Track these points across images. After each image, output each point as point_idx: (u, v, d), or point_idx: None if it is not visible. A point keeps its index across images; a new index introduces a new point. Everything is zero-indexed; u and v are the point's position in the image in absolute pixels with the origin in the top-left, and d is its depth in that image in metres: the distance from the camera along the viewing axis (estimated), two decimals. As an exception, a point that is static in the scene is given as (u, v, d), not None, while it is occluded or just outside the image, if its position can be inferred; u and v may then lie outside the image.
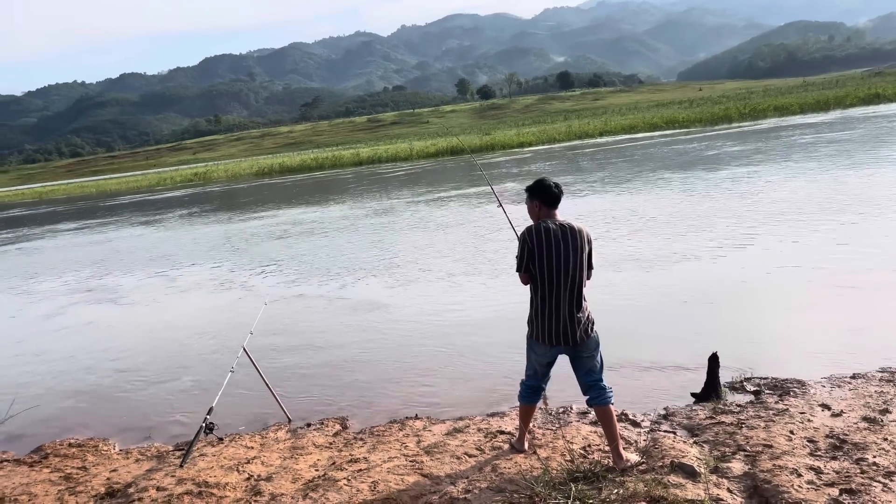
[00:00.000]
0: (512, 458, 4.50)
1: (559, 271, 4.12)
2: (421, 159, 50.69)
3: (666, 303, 8.23)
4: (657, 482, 3.90)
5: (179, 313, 10.75)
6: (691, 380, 5.79)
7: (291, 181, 45.25)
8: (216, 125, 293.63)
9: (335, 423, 5.71)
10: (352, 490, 4.16)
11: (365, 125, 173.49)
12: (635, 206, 15.50)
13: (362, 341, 7.99)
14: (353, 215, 20.91)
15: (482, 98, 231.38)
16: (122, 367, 8.11)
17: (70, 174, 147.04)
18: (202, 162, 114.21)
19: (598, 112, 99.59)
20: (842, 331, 6.63)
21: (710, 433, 4.69)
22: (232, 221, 23.80)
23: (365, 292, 10.49)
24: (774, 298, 7.78)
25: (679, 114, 57.79)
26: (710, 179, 18.74)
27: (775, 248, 10.00)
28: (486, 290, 9.66)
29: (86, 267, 16.68)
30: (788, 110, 49.39)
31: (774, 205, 13.35)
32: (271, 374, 6.37)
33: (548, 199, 4.25)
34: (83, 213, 38.93)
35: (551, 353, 4.26)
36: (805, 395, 5.15)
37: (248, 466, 4.82)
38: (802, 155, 21.60)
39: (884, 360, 5.72)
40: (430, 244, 13.98)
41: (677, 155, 27.90)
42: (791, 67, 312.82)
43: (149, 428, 6.23)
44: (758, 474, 3.93)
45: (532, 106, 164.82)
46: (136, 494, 4.48)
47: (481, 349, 7.22)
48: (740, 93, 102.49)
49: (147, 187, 60.66)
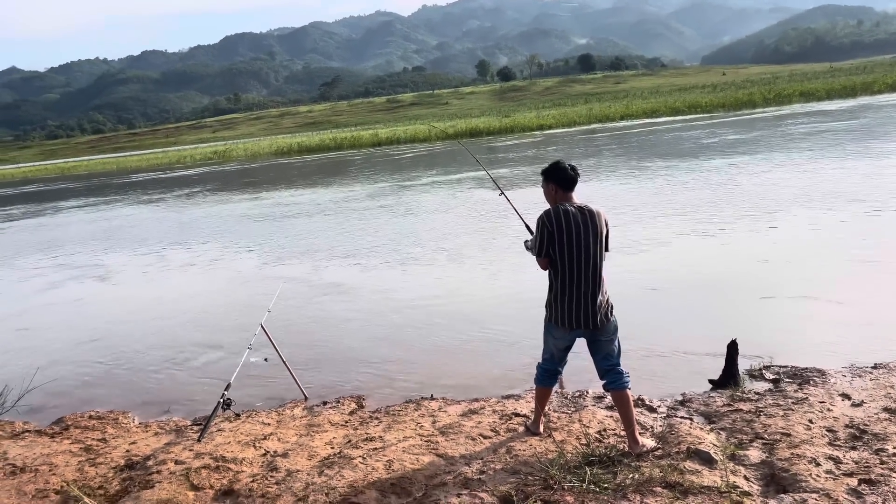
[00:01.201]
0: (527, 441, 4.50)
1: (580, 255, 4.09)
2: (439, 140, 50.53)
3: (682, 287, 8.16)
4: (673, 468, 3.88)
5: (196, 291, 10.84)
6: (708, 366, 5.73)
7: (301, 162, 45.34)
8: (236, 104, 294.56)
9: (351, 401, 5.74)
10: (367, 468, 4.19)
11: (384, 106, 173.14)
12: (658, 191, 15.37)
13: (378, 321, 8.02)
14: (356, 196, 20.93)
15: (502, 80, 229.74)
16: (142, 342, 8.20)
17: (92, 150, 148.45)
18: (221, 140, 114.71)
19: (620, 95, 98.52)
20: (863, 320, 6.53)
21: (727, 420, 4.66)
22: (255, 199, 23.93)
23: (380, 274, 10.50)
24: (795, 286, 7.68)
25: (702, 98, 57.06)
26: (729, 164, 18.51)
27: (797, 236, 9.86)
28: (502, 272, 9.64)
29: (101, 241, 16.87)
30: (814, 96, 48.53)
31: (797, 191, 13.16)
32: (288, 352, 6.41)
33: (564, 181, 4.21)
34: (93, 189, 39.36)
35: (570, 337, 4.24)
36: (825, 385, 5.09)
37: (265, 442, 4.87)
38: (827, 142, 21.26)
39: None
40: (443, 225, 13.96)
41: (701, 139, 27.57)
42: (818, 52, 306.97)
43: (168, 402, 6.30)
44: (775, 462, 3.90)
45: (552, 88, 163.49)
46: (155, 467, 4.54)
47: (497, 330, 7.21)
48: (765, 77, 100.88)
49: (167, 164, 61.09)
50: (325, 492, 3.91)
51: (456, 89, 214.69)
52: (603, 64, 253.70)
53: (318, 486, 4.00)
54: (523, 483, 3.85)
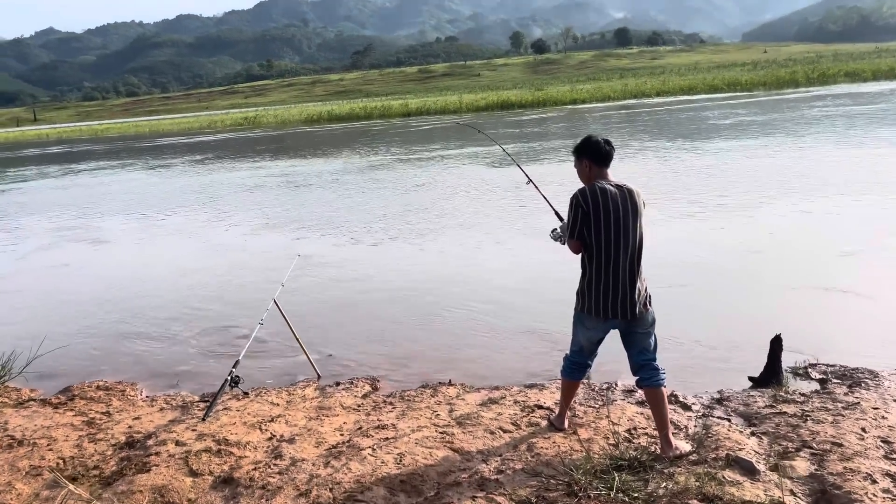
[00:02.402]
0: (550, 438, 4.16)
1: (618, 237, 3.71)
2: (469, 112, 49.86)
3: (720, 277, 7.72)
4: (710, 477, 3.52)
5: (206, 262, 10.64)
6: (748, 362, 5.31)
7: (323, 130, 45.03)
8: (268, 70, 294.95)
9: (365, 383, 5.45)
10: (376, 461, 3.89)
11: (415, 76, 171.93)
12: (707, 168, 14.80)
13: (398, 300, 7.70)
14: (355, 167, 20.57)
15: (536, 52, 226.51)
16: (155, 312, 8.00)
17: (126, 113, 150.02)
18: (252, 107, 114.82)
19: (656, 71, 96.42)
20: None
21: (769, 424, 4.27)
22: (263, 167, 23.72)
23: (397, 251, 10.19)
24: (844, 279, 7.19)
25: (742, 76, 55.47)
26: (730, 147, 17.79)
27: (847, 228, 9.32)
28: (528, 252, 9.26)
29: (129, 206, 16.79)
30: (860, 76, 46.84)
31: (852, 176, 12.52)
32: (302, 328, 6.13)
33: (598, 157, 3.83)
34: (112, 153, 39.56)
35: (604, 328, 3.87)
36: (878, 388, 4.67)
37: (272, 425, 4.60)
38: (837, 126, 20.36)
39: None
40: (465, 203, 13.58)
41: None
42: (864, 32, 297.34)
43: (177, 375, 6.08)
44: (826, 477, 3.52)
45: (587, 62, 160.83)
46: (155, 448, 4.30)
47: (522, 315, 6.86)
48: (808, 57, 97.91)
49: (197, 129, 61.27)
50: (329, 486, 3.63)
51: (489, 61, 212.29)
52: (640, 39, 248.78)
53: (322, 479, 3.72)
54: (545, 487, 3.53)
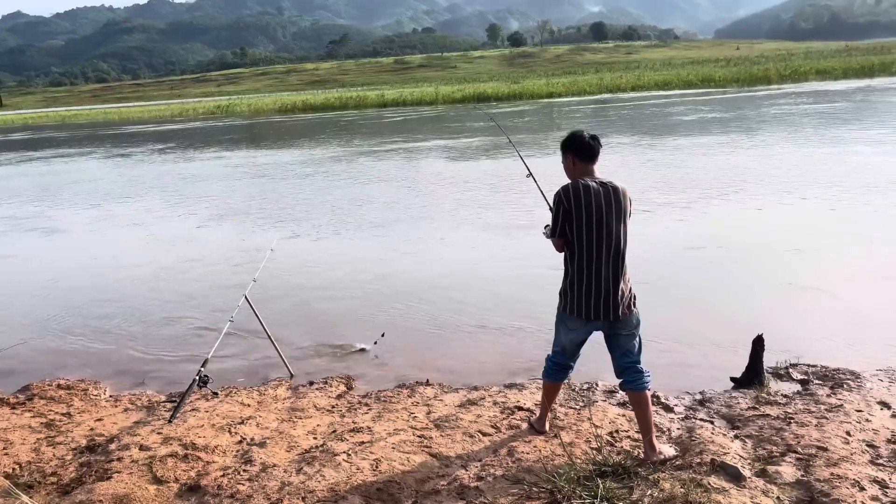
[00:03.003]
0: (531, 441, 4.04)
1: (600, 236, 3.59)
2: (446, 104, 49.65)
3: (700, 274, 7.67)
4: (696, 483, 3.43)
5: (170, 255, 10.36)
6: (729, 361, 5.24)
7: (291, 121, 44.53)
8: (242, 58, 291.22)
9: (340, 382, 5.28)
10: (351, 468, 3.73)
11: (392, 66, 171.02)
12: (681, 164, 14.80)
13: (373, 298, 7.51)
14: (318, 158, 20.34)
15: (512, 45, 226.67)
16: (118, 307, 7.72)
17: (95, 99, 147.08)
18: (226, 95, 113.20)
19: (632, 66, 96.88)
20: (887, 317, 6.04)
21: (753, 427, 4.19)
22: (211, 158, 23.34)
23: (373, 247, 10.01)
24: (810, 276, 7.16)
25: (716, 72, 55.87)
26: (693, 143, 17.90)
27: (827, 226, 9.34)
28: (506, 248, 9.14)
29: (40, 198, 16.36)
30: (831, 74, 47.50)
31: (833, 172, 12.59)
32: (274, 325, 5.94)
33: (583, 152, 3.70)
34: (76, 140, 38.74)
35: (586, 330, 3.75)
36: (860, 390, 4.62)
37: (242, 428, 4.41)
38: (792, 125, 20.60)
39: (946, 354, 5.16)
40: (448, 196, 13.43)
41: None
42: (834, 30, 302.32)
43: (143, 373, 5.85)
44: (813, 483, 3.44)
45: (563, 56, 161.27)
46: (117, 452, 4.09)
47: (500, 312, 6.72)
48: (780, 54, 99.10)
49: (169, 117, 60.21)
50: (301, 495, 3.46)
51: (465, 53, 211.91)
52: (615, 33, 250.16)
53: (294, 486, 3.55)
54: (527, 495, 3.40)
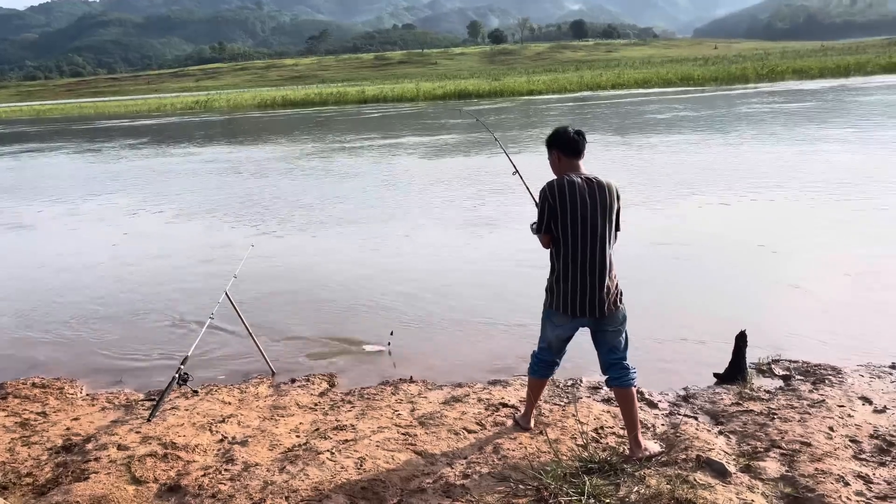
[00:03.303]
0: (516, 438, 4.02)
1: (585, 232, 3.57)
2: (426, 100, 49.56)
3: (674, 271, 7.69)
4: (682, 480, 3.42)
5: (152, 251, 10.21)
6: (712, 357, 5.26)
7: (269, 117, 44.20)
8: (220, 53, 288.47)
9: (322, 380, 5.22)
10: (335, 466, 3.68)
11: (372, 63, 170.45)
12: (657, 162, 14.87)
13: (354, 293, 7.45)
14: (291, 154, 20.21)
15: (493, 42, 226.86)
16: (96, 303, 7.59)
17: (70, 94, 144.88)
18: (204, 90, 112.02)
19: (611, 64, 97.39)
20: (874, 314, 6.10)
21: (737, 422, 4.20)
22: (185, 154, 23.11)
23: (354, 242, 9.94)
24: (800, 274, 7.22)
25: (694, 71, 56.28)
26: (663, 142, 18.05)
27: (798, 223, 9.43)
28: (490, 243, 9.12)
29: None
30: (807, 74, 48.10)
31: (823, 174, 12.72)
32: (255, 322, 5.87)
33: (568, 148, 3.68)
34: (47, 135, 38.13)
35: (572, 326, 3.73)
36: (842, 385, 4.65)
37: (223, 426, 4.34)
38: (767, 123, 20.85)
39: (925, 350, 5.21)
40: (427, 190, 13.38)
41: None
42: (810, 30, 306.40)
43: (121, 371, 5.74)
44: (798, 479, 3.45)
45: (544, 54, 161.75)
46: (94, 452, 4.00)
47: (484, 307, 6.70)
48: (757, 53, 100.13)
49: (146, 112, 59.45)
50: (284, 494, 3.40)
51: (446, 49, 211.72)
52: (595, 31, 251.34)
53: (277, 486, 3.49)
54: (513, 493, 3.37)
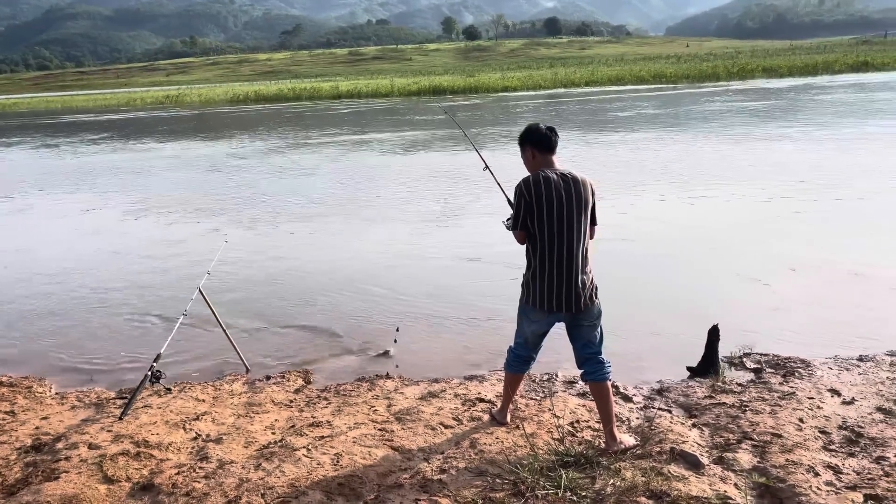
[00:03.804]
0: (493, 433, 4.03)
1: (561, 228, 3.58)
2: (401, 96, 49.43)
3: (646, 266, 7.77)
4: (657, 472, 3.46)
5: (129, 246, 10.06)
6: (686, 351, 5.32)
7: (239, 112, 43.80)
8: (191, 47, 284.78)
9: (297, 376, 5.19)
10: (311, 463, 3.66)
11: (346, 58, 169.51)
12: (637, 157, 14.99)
13: (329, 289, 7.41)
14: (248, 151, 20.10)
15: (468, 39, 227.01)
16: (65, 300, 7.45)
17: (37, 87, 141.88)
18: (175, 85, 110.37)
19: (585, 61, 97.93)
20: (840, 307, 6.22)
21: (710, 415, 4.26)
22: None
23: (327, 238, 9.89)
24: (766, 269, 7.33)
25: (667, 68, 56.83)
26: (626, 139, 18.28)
27: (759, 219, 9.58)
28: (464, 236, 9.12)
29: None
30: (776, 72, 48.90)
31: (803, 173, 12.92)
32: (229, 318, 5.81)
33: (541, 144, 3.70)
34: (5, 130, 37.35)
35: (548, 321, 3.75)
36: (811, 378, 4.74)
37: (197, 424, 4.29)
38: (732, 120, 21.20)
39: (891, 342, 5.32)
40: (401, 184, 13.35)
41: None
42: (779, 29, 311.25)
43: (92, 370, 5.64)
44: (769, 470, 3.50)
45: (518, 50, 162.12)
46: (65, 451, 3.93)
47: (460, 302, 6.71)
48: (728, 52, 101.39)
49: (115, 106, 58.48)
50: (260, 492, 3.37)
51: (420, 45, 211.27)
52: (569, 28, 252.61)
53: (253, 483, 3.46)
54: (490, 487, 3.38)
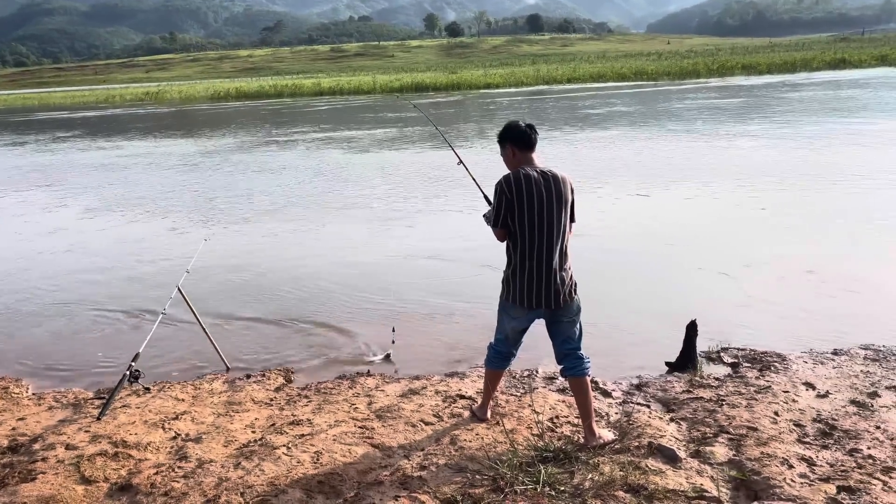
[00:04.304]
0: (473, 429, 4.04)
1: (541, 225, 3.61)
2: (383, 93, 49.33)
3: (618, 263, 7.83)
4: (634, 466, 3.50)
5: (105, 244, 9.97)
6: (664, 346, 5.38)
7: (211, 109, 43.51)
8: (171, 44, 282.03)
9: (278, 375, 5.17)
10: (291, 461, 3.65)
11: (328, 55, 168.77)
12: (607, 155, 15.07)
13: (309, 286, 7.40)
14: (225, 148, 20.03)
15: (450, 35, 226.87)
16: (41, 300, 7.37)
17: (13, 84, 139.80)
18: (155, 81, 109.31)
19: (567, 58, 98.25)
20: (814, 301, 6.31)
21: (687, 409, 4.31)
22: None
23: (307, 235, 9.87)
24: (735, 265, 7.41)
25: (648, 66, 57.19)
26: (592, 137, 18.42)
27: (722, 216, 9.69)
28: (443, 233, 9.14)
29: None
30: (756, 69, 49.37)
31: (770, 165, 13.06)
32: (209, 317, 5.78)
33: (521, 141, 3.72)
34: None
35: (529, 318, 3.77)
36: (787, 372, 4.81)
37: (176, 423, 4.27)
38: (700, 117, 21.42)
39: (865, 335, 5.40)
40: (381, 181, 13.34)
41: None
42: (759, 27, 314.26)
43: (70, 370, 5.59)
44: (744, 463, 3.55)
45: (500, 47, 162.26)
46: (42, 452, 3.89)
47: (440, 299, 6.72)
48: (708, 49, 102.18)
49: (94, 103, 57.79)
50: (240, 491, 3.37)
51: (402, 42, 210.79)
52: (551, 25, 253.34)
53: (232, 482, 3.45)
54: (470, 483, 3.40)
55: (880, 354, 5.03)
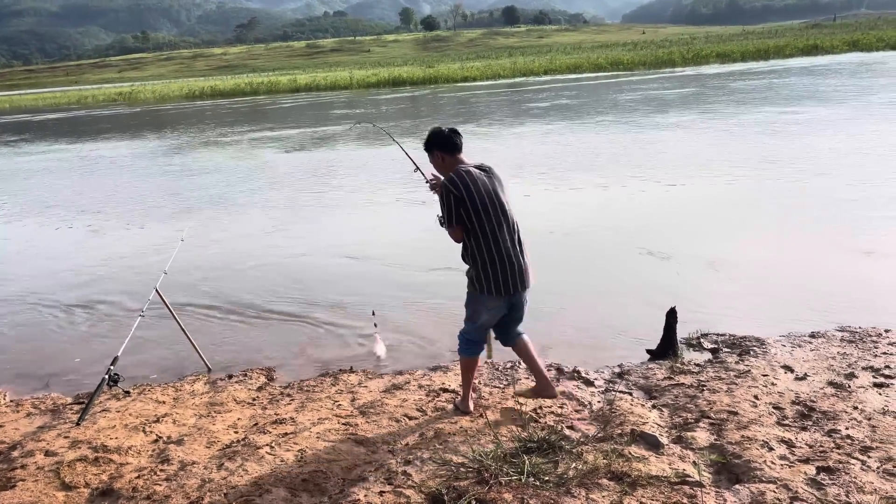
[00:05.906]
0: (457, 423, 4.05)
1: (498, 215, 3.80)
2: (360, 88, 49.14)
3: (611, 252, 7.88)
4: (618, 454, 3.52)
5: (77, 249, 9.84)
6: (645, 334, 5.42)
7: (174, 110, 43.11)
8: (144, 42, 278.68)
9: (260, 374, 5.15)
10: (275, 460, 3.64)
11: (303, 51, 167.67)
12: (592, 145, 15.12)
13: (289, 284, 7.36)
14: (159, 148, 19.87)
15: (426, 29, 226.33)
16: (17, 304, 7.26)
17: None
18: (128, 81, 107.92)
19: (543, 50, 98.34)
20: (789, 285, 6.38)
21: (669, 396, 4.35)
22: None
23: (286, 233, 9.81)
24: (723, 249, 7.50)
25: (624, 56, 57.35)
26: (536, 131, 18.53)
27: (722, 202, 9.78)
28: (418, 226, 9.13)
29: None
30: (730, 57, 49.75)
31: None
32: (188, 318, 5.73)
33: (447, 147, 3.89)
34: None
35: (506, 304, 3.96)
36: (766, 355, 4.86)
37: (157, 426, 4.23)
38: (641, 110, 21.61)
39: (841, 317, 5.48)
40: (357, 175, 13.30)
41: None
42: (732, 15, 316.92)
43: (47, 375, 5.52)
44: (725, 446, 3.59)
45: (477, 40, 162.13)
46: (21, 459, 3.84)
47: (421, 293, 6.71)
48: (683, 38, 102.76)
49: (65, 105, 56.94)
50: (223, 491, 3.34)
51: (378, 37, 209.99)
52: (527, 17, 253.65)
53: (215, 483, 3.43)
54: (454, 476, 3.40)
55: (856, 336, 5.11)
